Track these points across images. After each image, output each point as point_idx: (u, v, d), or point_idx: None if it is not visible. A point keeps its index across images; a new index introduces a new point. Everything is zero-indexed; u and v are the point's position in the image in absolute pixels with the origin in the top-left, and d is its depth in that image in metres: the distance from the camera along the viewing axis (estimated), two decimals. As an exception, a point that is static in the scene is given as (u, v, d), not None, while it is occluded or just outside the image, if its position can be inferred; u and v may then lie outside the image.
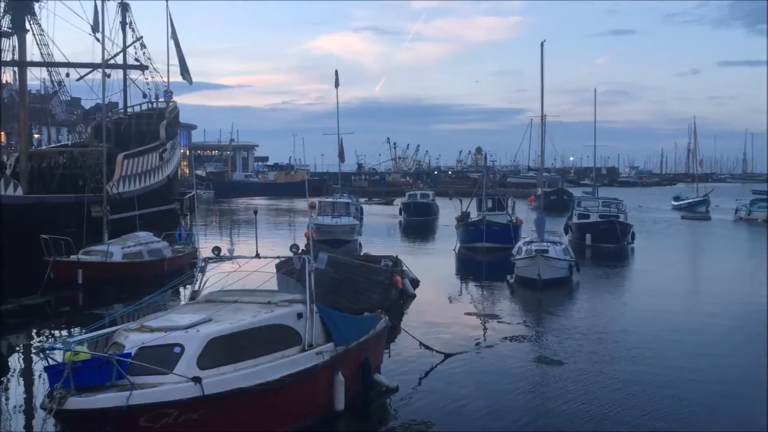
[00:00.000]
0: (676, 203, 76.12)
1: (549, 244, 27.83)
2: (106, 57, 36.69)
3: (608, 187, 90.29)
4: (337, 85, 61.13)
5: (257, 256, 13.24)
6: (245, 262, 13.23)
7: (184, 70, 53.80)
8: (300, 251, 13.92)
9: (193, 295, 13.07)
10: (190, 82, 55.50)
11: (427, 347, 16.08)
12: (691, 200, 74.07)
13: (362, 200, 79.33)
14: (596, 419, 12.17)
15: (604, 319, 20.68)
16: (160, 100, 51.95)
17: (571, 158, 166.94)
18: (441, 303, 23.51)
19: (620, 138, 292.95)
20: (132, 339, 10.20)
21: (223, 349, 10.31)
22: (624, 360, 16.01)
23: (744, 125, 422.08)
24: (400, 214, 61.53)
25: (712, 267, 33.86)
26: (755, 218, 56.86)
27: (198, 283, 13.16)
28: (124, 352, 9.89)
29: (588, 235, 38.92)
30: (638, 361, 15.92)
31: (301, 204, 56.11)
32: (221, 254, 13.21)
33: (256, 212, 19.93)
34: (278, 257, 13.75)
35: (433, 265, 32.40)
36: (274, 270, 16.06)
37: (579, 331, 18.81)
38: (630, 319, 20.80)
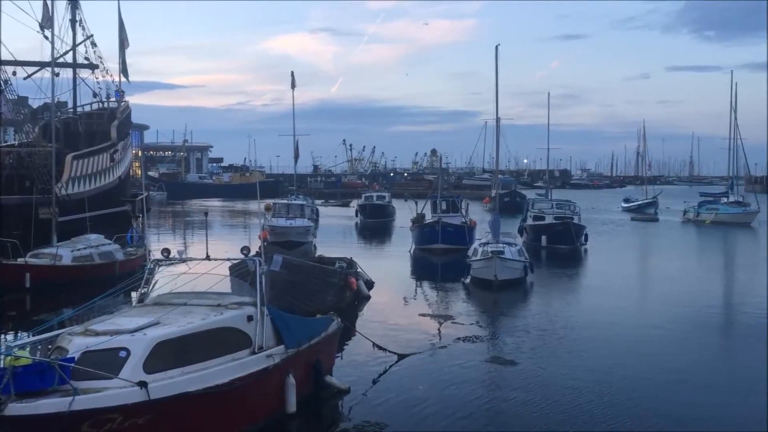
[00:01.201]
0: (626, 205, 77.78)
1: (504, 245, 28.13)
2: (55, 55, 35.78)
3: (561, 189, 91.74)
4: (293, 86, 61.04)
5: (207, 258, 13.06)
6: (195, 264, 13.04)
7: (123, 68, 52.69)
8: (254, 253, 13.79)
9: (142, 298, 12.84)
10: (128, 80, 54.16)
11: (380, 348, 16.10)
12: (640, 202, 75.78)
13: (318, 202, 79.19)
14: (550, 418, 12.30)
15: (558, 318, 20.95)
16: (111, 99, 50.84)
17: (525, 160, 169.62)
18: (396, 304, 23.56)
19: (572, 140, 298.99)
20: (76, 343, 9.96)
21: (171, 353, 10.13)
22: (577, 358, 16.24)
23: (691, 129, 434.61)
24: (357, 215, 61.51)
25: (662, 266, 34.65)
26: (703, 220, 58.46)
27: (147, 285, 12.93)
28: (68, 356, 9.64)
29: (544, 237, 39.47)
30: (590, 359, 16.16)
31: (256, 206, 55.58)
32: (171, 256, 13.00)
33: (206, 214, 19.73)
34: (229, 259, 13.60)
35: (388, 267, 32.46)
36: (226, 272, 15.92)
37: (533, 331, 19.05)
38: (583, 318, 21.13)
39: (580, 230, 40.43)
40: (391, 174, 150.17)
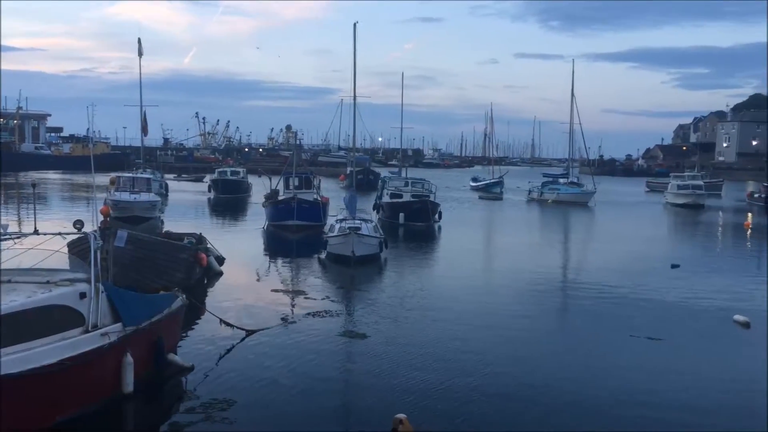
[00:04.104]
0: (473, 184, 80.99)
1: (360, 221, 28.33)
2: None
3: (414, 168, 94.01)
4: (140, 54, 57.79)
5: (36, 232, 11.96)
6: (22, 239, 11.88)
7: None
8: (95, 228, 12.80)
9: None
10: None
11: (228, 324, 15.61)
12: (487, 182, 79.19)
13: (170, 177, 75.92)
14: (397, 389, 12.38)
15: (410, 292, 21.34)
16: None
17: (380, 139, 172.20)
18: (248, 280, 23.00)
19: (425, 121, 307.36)
20: None
21: (-11, 333, 9.17)
22: (426, 329, 16.58)
23: (533, 113, 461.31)
24: (209, 191, 59.72)
25: (508, 241, 36.32)
26: (546, 199, 62.04)
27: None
28: None
29: (401, 214, 40.11)
30: (441, 330, 16.55)
31: (100, 179, 52.33)
32: (-8, 231, 11.74)
33: (34, 185, 18.02)
34: (60, 234, 12.52)
35: (241, 243, 31.69)
36: (57, 248, 14.67)
37: (386, 305, 19.25)
38: (433, 290, 21.72)
39: (435, 208, 41.51)
40: (246, 149, 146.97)
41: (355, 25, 36.54)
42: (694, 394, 12.70)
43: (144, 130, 60.06)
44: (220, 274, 22.75)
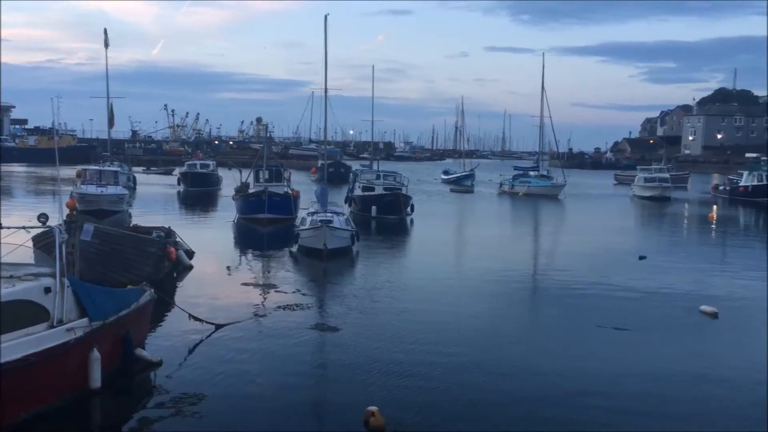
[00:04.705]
0: (445, 177, 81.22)
1: (332, 214, 28.25)
2: None
3: (385, 161, 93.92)
4: (106, 45, 56.62)
5: (-1, 225, 11.67)
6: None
7: None
8: (60, 222, 12.55)
9: None
10: None
11: (196, 319, 15.44)
12: (458, 174, 79.46)
13: (139, 169, 74.87)
14: (370, 382, 12.36)
15: (382, 285, 21.29)
16: None
17: (351, 132, 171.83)
18: (218, 274, 22.79)
19: (397, 114, 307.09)
20: None
21: (-52, 330, 8.95)
22: (398, 322, 16.57)
23: (503, 106, 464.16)
24: (179, 184, 59.11)
25: (479, 233, 36.49)
26: (517, 192, 62.43)
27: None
28: None
29: (374, 207, 40.07)
30: (412, 322, 16.57)
31: (66, 172, 51.46)
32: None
33: (-1, 178, 17.53)
34: (24, 227, 12.25)
35: (211, 237, 31.45)
36: (20, 242, 14.38)
37: (357, 298, 19.24)
38: (407, 283, 21.69)
39: (407, 201, 41.54)
40: (216, 142, 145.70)
41: (326, 17, 36.24)
42: (658, 383, 12.87)
43: (111, 122, 58.92)
44: (190, 267, 22.54)
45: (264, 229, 34.07)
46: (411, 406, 11.29)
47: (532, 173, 67.63)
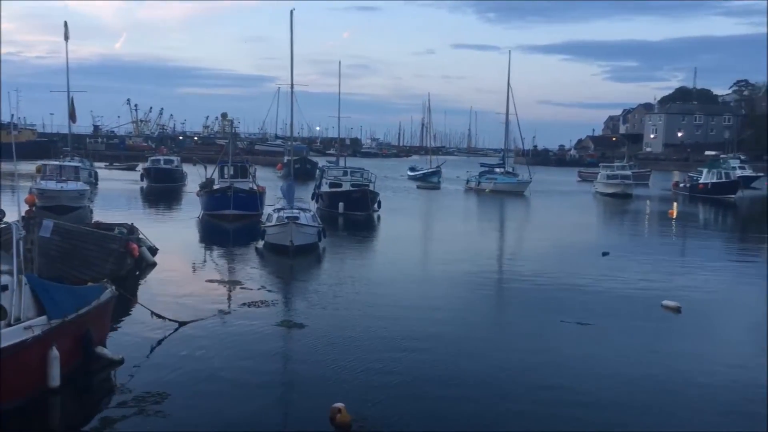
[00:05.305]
0: (411, 173, 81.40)
1: (299, 211, 28.12)
2: None
3: (352, 158, 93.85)
4: (66, 37, 55.52)
5: (-49, 222, 11.38)
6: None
7: None
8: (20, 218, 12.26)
9: None
10: None
11: (159, 316, 15.22)
12: (425, 171, 79.73)
13: (101, 165, 73.55)
14: (336, 379, 12.30)
15: (349, 281, 21.22)
16: None
17: (318, 128, 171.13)
18: (183, 271, 22.52)
19: (363, 110, 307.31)
20: None
21: None
22: (365, 319, 16.52)
23: (470, 103, 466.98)
24: (142, 180, 58.31)
25: (445, 230, 36.66)
26: (483, 188, 62.86)
27: None
28: None
29: (341, 204, 39.96)
30: (379, 318, 16.53)
31: (25, 167, 50.43)
32: None
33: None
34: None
35: (175, 233, 31.04)
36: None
37: (324, 294, 19.15)
38: (374, 280, 21.65)
39: (375, 197, 41.53)
40: (181, 137, 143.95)
41: (291, 12, 35.99)
42: (621, 377, 13.04)
43: (72, 116, 57.86)
44: (154, 264, 22.23)
45: (229, 225, 33.77)
46: (377, 402, 11.26)
47: (498, 170, 68.11)
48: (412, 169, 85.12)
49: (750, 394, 12.24)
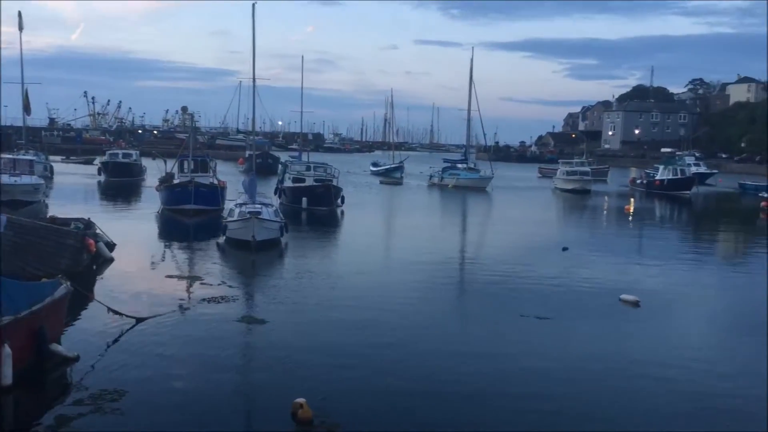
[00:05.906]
0: (374, 169, 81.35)
1: (261, 205, 27.88)
2: None
3: (314, 153, 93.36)
4: (20, 28, 54.18)
5: None
6: None
7: None
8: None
9: None
10: None
11: (116, 312, 14.92)
12: (387, 166, 79.73)
13: (57, 158, 71.93)
14: (298, 374, 12.21)
15: (311, 276, 21.07)
16: None
17: (280, 122, 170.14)
18: (141, 267, 22.14)
19: (326, 105, 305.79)
20: None
21: None
22: (327, 314, 16.44)
23: (432, 99, 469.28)
24: (99, 174, 57.22)
25: (408, 225, 36.69)
26: (446, 184, 63.07)
27: None
28: None
29: (304, 199, 39.73)
30: (340, 314, 16.49)
31: (-23, 161, 48.98)
32: None
33: None
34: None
35: (133, 229, 30.51)
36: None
37: (286, 290, 19.00)
38: (336, 275, 21.54)
39: (338, 192, 41.38)
40: (140, 131, 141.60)
41: (253, 5, 35.59)
42: (582, 370, 13.22)
43: (27, 109, 56.53)
44: (111, 260, 21.81)
45: (190, 220, 33.33)
46: (339, 397, 11.22)
47: (460, 166, 68.46)
48: (375, 164, 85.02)
49: (706, 383, 12.60)
